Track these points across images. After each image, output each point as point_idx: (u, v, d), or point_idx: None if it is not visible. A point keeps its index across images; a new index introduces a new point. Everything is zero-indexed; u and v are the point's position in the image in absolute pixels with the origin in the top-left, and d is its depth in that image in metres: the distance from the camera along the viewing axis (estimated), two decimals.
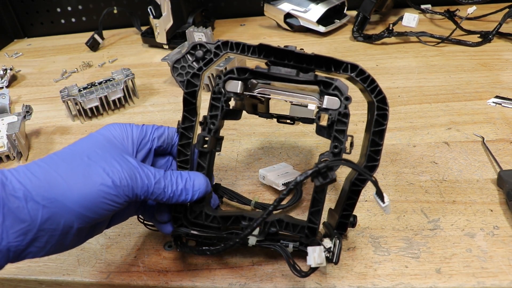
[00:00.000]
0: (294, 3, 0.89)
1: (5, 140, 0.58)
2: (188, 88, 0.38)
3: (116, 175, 0.31)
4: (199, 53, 0.37)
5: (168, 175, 0.35)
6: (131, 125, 0.38)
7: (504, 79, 0.65)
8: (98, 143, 0.34)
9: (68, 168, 0.31)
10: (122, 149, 0.35)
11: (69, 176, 0.30)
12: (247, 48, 0.36)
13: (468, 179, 0.46)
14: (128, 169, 0.32)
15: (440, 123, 0.56)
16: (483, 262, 0.36)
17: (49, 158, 0.32)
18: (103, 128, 0.37)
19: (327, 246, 0.35)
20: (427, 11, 0.92)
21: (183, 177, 0.36)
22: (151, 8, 0.87)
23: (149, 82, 0.78)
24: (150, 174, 0.34)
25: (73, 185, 0.30)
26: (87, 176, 0.31)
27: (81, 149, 0.33)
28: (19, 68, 0.91)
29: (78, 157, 0.32)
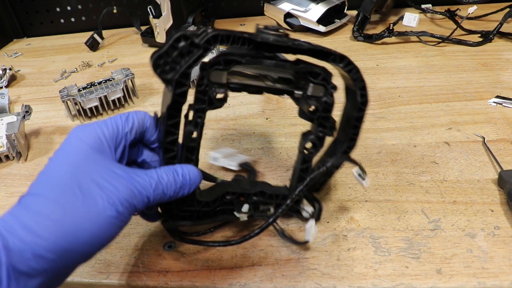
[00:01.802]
0: (294, 2, 0.89)
1: (4, 140, 0.58)
2: (177, 89, 0.34)
3: (116, 200, 0.30)
4: (183, 47, 0.33)
5: (163, 176, 0.33)
6: (98, 124, 0.34)
7: (505, 79, 0.65)
8: (77, 160, 0.31)
9: (67, 210, 0.28)
10: (104, 159, 0.32)
11: (71, 220, 0.28)
12: (237, 39, 0.34)
13: (469, 179, 0.46)
14: (123, 188, 0.30)
15: (441, 123, 0.56)
16: (483, 262, 0.36)
17: (38, 199, 0.29)
18: (74, 136, 0.33)
19: (309, 211, 0.40)
20: (428, 10, 0.92)
21: (179, 173, 0.35)
22: (151, 8, 0.86)
23: (149, 82, 0.78)
24: (146, 183, 0.32)
25: (79, 229, 0.28)
26: (89, 214, 0.28)
27: (67, 175, 0.30)
28: (18, 68, 0.91)
29: (70, 191, 0.29)
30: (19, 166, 0.58)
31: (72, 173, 0.30)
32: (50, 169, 0.31)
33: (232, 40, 0.33)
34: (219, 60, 0.35)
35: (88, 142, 0.32)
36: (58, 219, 0.28)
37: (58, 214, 0.28)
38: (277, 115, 0.62)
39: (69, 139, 0.32)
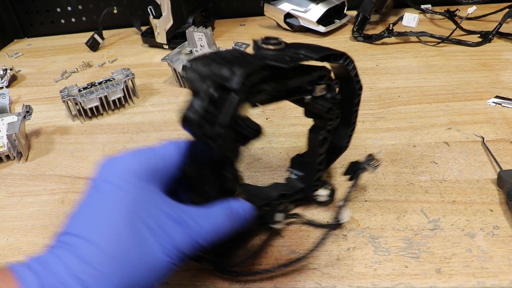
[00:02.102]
0: (294, 3, 0.89)
1: (5, 140, 0.58)
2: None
3: (170, 250, 0.27)
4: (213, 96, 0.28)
5: (219, 219, 0.30)
6: (149, 152, 0.30)
7: (504, 79, 0.65)
8: (131, 199, 0.27)
9: (122, 263, 0.25)
10: (158, 197, 0.28)
11: (125, 274, 0.25)
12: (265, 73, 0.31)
13: (468, 179, 0.46)
14: (178, 236, 0.27)
15: (440, 123, 0.56)
16: (483, 262, 0.36)
17: (90, 247, 0.25)
18: (124, 165, 0.28)
19: (326, 195, 0.43)
20: (427, 11, 0.92)
21: (234, 213, 0.31)
22: (151, 8, 0.87)
23: (149, 82, 0.78)
24: (201, 230, 0.28)
25: (132, 283, 0.26)
26: (144, 266, 0.26)
27: (120, 218, 0.26)
28: (19, 68, 0.91)
29: (125, 240, 0.26)
30: (19, 166, 0.58)
31: (127, 216, 0.26)
32: (99, 205, 0.27)
33: (262, 75, 0.30)
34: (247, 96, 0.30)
35: (140, 175, 0.28)
36: (112, 273, 0.25)
37: (112, 268, 0.25)
38: (277, 115, 0.62)
39: (119, 169, 0.28)
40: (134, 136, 0.61)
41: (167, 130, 0.62)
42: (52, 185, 0.53)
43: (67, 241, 0.26)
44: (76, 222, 0.27)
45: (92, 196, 0.28)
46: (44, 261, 0.25)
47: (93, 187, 0.28)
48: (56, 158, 0.59)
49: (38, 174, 0.56)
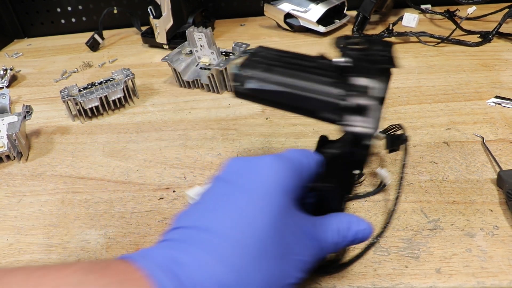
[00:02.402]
0: (294, 3, 0.89)
1: (5, 140, 0.58)
2: None
3: (304, 269, 0.26)
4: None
5: (342, 236, 0.29)
6: (297, 166, 0.28)
7: (504, 79, 0.65)
8: (279, 213, 0.25)
9: (263, 274, 0.23)
10: (297, 213, 0.27)
11: (263, 284, 0.23)
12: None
13: (468, 179, 0.46)
14: (312, 257, 0.27)
15: (440, 123, 0.56)
16: (483, 262, 0.36)
17: (236, 249, 0.23)
18: (278, 177, 0.26)
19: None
20: (427, 11, 0.92)
21: (353, 232, 0.30)
22: (151, 8, 0.87)
23: (149, 82, 0.78)
24: (329, 247, 0.28)
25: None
26: (278, 281, 0.24)
27: (269, 231, 0.24)
28: (19, 68, 0.91)
29: (269, 252, 0.24)
30: (20, 166, 0.58)
31: (275, 225, 0.24)
32: (243, 205, 0.25)
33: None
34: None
35: (289, 185, 0.27)
36: (253, 281, 0.23)
37: (255, 275, 0.23)
38: (277, 115, 0.63)
39: (273, 174, 0.26)
40: (134, 136, 0.61)
41: (167, 130, 0.62)
42: (52, 185, 0.53)
43: (200, 236, 0.23)
44: (209, 216, 0.24)
45: (232, 195, 0.25)
46: (179, 259, 0.23)
47: (233, 185, 0.26)
48: (56, 158, 0.59)
49: (38, 174, 0.56)
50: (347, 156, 0.28)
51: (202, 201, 0.26)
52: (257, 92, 0.31)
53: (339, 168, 0.29)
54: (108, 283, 0.20)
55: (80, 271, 0.21)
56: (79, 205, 0.49)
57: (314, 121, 0.54)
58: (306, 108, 0.31)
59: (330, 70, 0.31)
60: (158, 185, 0.51)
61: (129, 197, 0.49)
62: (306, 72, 0.31)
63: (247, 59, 0.32)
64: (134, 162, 0.56)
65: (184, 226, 0.25)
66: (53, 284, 0.20)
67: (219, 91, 0.70)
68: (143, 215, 0.46)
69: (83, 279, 0.20)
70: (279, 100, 0.31)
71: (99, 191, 0.51)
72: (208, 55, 0.71)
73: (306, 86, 0.30)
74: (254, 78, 0.31)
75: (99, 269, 0.21)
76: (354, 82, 0.27)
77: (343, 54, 0.31)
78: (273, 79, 0.30)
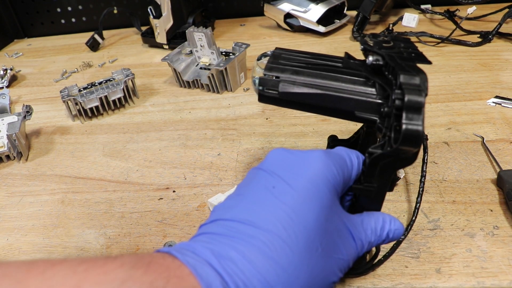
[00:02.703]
0: (294, 3, 0.89)
1: (5, 140, 0.58)
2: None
3: (343, 267, 0.26)
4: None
5: (376, 234, 0.28)
6: (341, 164, 0.27)
7: (504, 79, 0.65)
8: (324, 208, 0.24)
9: (308, 270, 0.23)
10: (340, 209, 0.27)
11: (307, 282, 0.23)
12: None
13: (468, 179, 0.46)
14: (352, 254, 0.26)
15: (440, 123, 0.56)
16: (483, 262, 0.36)
17: (282, 246, 0.22)
18: (323, 173, 0.25)
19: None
20: (427, 11, 0.92)
21: (385, 231, 0.29)
22: (151, 8, 0.87)
23: (149, 82, 0.78)
24: (364, 244, 0.27)
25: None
26: (321, 279, 0.24)
27: (315, 226, 0.23)
28: (19, 68, 0.91)
29: (314, 248, 0.23)
30: (20, 166, 0.58)
31: (320, 223, 0.24)
32: (296, 205, 0.24)
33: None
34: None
35: (336, 181, 0.26)
36: (298, 278, 0.22)
37: (299, 272, 0.22)
38: (277, 115, 0.62)
39: (321, 169, 0.25)
40: (134, 136, 0.61)
41: (167, 130, 0.62)
42: (52, 185, 0.53)
43: (244, 231, 0.23)
44: (252, 211, 0.24)
45: (277, 189, 0.24)
46: (224, 255, 0.22)
47: (277, 179, 0.25)
48: (56, 158, 0.59)
49: (38, 174, 0.56)
50: (397, 155, 0.27)
51: (242, 193, 0.25)
52: (290, 95, 0.30)
53: (384, 168, 0.28)
54: (154, 280, 0.20)
55: (125, 266, 0.20)
56: (79, 205, 0.49)
57: (314, 121, 0.54)
58: (344, 109, 0.30)
59: (358, 69, 0.31)
60: (158, 185, 0.51)
61: (129, 197, 0.49)
62: (336, 73, 0.30)
63: (270, 62, 0.32)
64: (134, 162, 0.56)
65: (226, 219, 0.24)
66: (98, 279, 0.19)
67: (219, 91, 0.70)
68: (143, 215, 0.46)
69: (128, 275, 0.20)
70: (313, 102, 0.30)
71: (99, 191, 0.51)
72: (208, 55, 0.71)
73: (341, 87, 0.30)
74: (285, 81, 0.30)
75: (144, 265, 0.21)
76: (403, 81, 0.27)
77: (371, 53, 0.30)
78: (306, 81, 0.30)
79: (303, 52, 0.33)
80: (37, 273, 0.19)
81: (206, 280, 0.21)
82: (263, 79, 0.31)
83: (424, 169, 0.40)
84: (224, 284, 0.21)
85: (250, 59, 0.75)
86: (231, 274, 0.21)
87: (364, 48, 0.32)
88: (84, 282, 0.19)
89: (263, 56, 0.34)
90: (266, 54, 0.34)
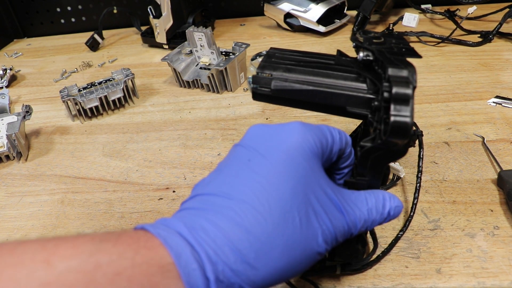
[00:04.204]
0: (294, 3, 0.89)
1: (4, 140, 0.58)
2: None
3: (329, 238, 0.25)
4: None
5: (373, 211, 0.28)
6: (322, 130, 0.27)
7: (505, 79, 0.65)
8: (302, 175, 0.24)
9: (285, 242, 0.23)
10: (323, 177, 0.26)
11: (286, 254, 0.23)
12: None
13: (468, 179, 0.46)
14: (338, 224, 0.25)
15: (440, 123, 0.56)
16: (483, 262, 0.36)
17: (253, 215, 0.22)
18: (303, 137, 0.26)
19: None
20: (427, 11, 0.92)
21: (386, 208, 0.28)
22: (151, 8, 0.87)
23: (149, 82, 0.78)
24: (357, 219, 0.26)
25: (290, 265, 0.23)
26: (304, 250, 0.24)
27: (291, 193, 0.24)
28: (19, 68, 0.91)
29: (290, 217, 0.23)
30: (19, 166, 0.58)
31: (297, 191, 0.24)
32: (263, 172, 0.24)
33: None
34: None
35: (314, 151, 0.26)
36: (273, 248, 0.22)
37: (275, 242, 0.22)
38: (277, 115, 0.62)
39: (289, 140, 0.25)
40: (134, 136, 0.61)
41: (167, 130, 0.62)
42: (52, 185, 0.53)
43: (218, 203, 0.23)
44: (228, 184, 0.24)
45: (253, 162, 0.24)
46: (196, 226, 0.22)
47: (253, 152, 0.25)
48: (56, 158, 0.59)
49: (38, 174, 0.56)
50: (387, 148, 0.27)
51: (221, 169, 0.26)
52: (282, 92, 0.31)
53: (376, 161, 0.29)
54: (123, 251, 0.20)
55: (94, 240, 0.21)
56: (78, 205, 0.49)
57: (313, 121, 0.54)
58: (335, 105, 0.31)
59: (350, 66, 0.31)
60: (158, 185, 0.51)
61: (128, 197, 0.49)
62: (328, 70, 0.31)
63: (264, 61, 0.32)
64: (134, 162, 0.56)
65: (203, 194, 0.24)
66: (67, 253, 0.20)
67: (219, 91, 0.70)
68: (143, 215, 0.46)
69: (97, 248, 0.20)
70: (305, 99, 0.31)
71: (98, 191, 0.51)
72: (208, 55, 0.71)
73: (332, 83, 0.30)
74: (277, 79, 0.31)
75: (114, 237, 0.21)
76: (391, 74, 0.27)
77: (361, 49, 0.31)
78: (298, 79, 0.30)
79: (297, 51, 0.34)
80: (7, 251, 0.20)
81: (176, 250, 0.21)
82: (256, 77, 0.31)
83: (420, 165, 0.41)
84: (194, 253, 0.21)
85: (250, 59, 0.75)
86: (202, 243, 0.21)
87: (355, 45, 0.32)
88: (53, 256, 0.19)
89: (258, 56, 0.34)
90: (260, 54, 0.34)
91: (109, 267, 0.19)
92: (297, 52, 0.34)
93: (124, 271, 0.19)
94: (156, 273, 0.20)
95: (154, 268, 0.20)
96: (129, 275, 0.19)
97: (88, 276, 0.19)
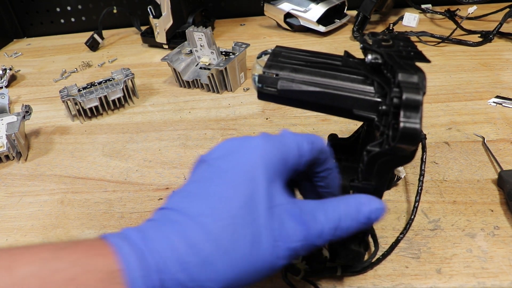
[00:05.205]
0: (294, 3, 0.89)
1: (4, 140, 0.58)
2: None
3: (286, 251, 0.25)
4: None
5: (346, 220, 0.27)
6: (284, 144, 0.28)
7: (505, 79, 0.65)
8: (256, 190, 0.25)
9: (237, 257, 0.23)
10: (282, 193, 0.26)
11: (238, 270, 0.24)
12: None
13: (469, 179, 0.46)
14: (298, 237, 0.25)
15: (441, 123, 0.56)
16: (483, 262, 0.36)
17: (205, 234, 0.23)
18: (260, 153, 0.26)
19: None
20: (428, 10, 0.92)
21: (362, 213, 0.27)
22: (151, 8, 0.86)
23: (149, 82, 0.78)
24: (323, 230, 0.26)
25: (242, 278, 0.24)
26: (257, 263, 0.24)
27: (242, 206, 0.24)
28: (18, 68, 0.91)
29: (239, 233, 0.24)
30: (19, 166, 0.58)
31: (248, 206, 0.24)
32: (217, 187, 0.25)
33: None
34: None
35: (274, 167, 0.26)
36: (220, 264, 0.23)
37: (221, 258, 0.23)
38: (277, 115, 0.62)
39: (251, 155, 0.26)
40: (134, 136, 0.61)
41: (167, 130, 0.62)
42: (52, 185, 0.53)
43: (174, 218, 0.24)
44: (187, 200, 0.25)
45: (214, 178, 0.25)
46: (148, 237, 0.23)
47: (213, 166, 0.26)
48: (55, 158, 0.58)
49: (38, 174, 0.56)
50: (395, 153, 0.27)
51: (187, 184, 0.27)
52: (288, 93, 0.31)
53: (382, 166, 0.28)
54: (77, 258, 0.22)
55: (55, 247, 0.22)
56: (78, 205, 0.49)
57: (314, 121, 0.54)
58: (342, 107, 0.30)
59: (357, 67, 0.31)
60: (158, 185, 0.51)
61: (128, 197, 0.49)
62: (335, 71, 0.31)
63: (270, 60, 0.32)
64: (133, 162, 0.56)
65: (166, 208, 0.25)
66: (29, 259, 0.21)
67: (219, 91, 0.70)
68: (142, 216, 0.46)
69: (55, 255, 0.22)
70: (312, 100, 0.30)
71: (98, 191, 0.51)
72: (208, 55, 0.71)
73: (339, 85, 0.30)
74: (284, 79, 0.30)
75: (73, 246, 0.23)
76: (402, 79, 0.27)
77: (370, 52, 0.30)
78: (304, 79, 0.30)
79: (303, 50, 0.34)
80: None
81: (126, 258, 0.22)
82: (262, 77, 0.31)
83: (423, 168, 0.41)
84: (143, 261, 0.22)
85: (250, 59, 0.75)
86: (152, 253, 0.23)
87: (363, 46, 0.32)
88: (15, 263, 0.21)
89: (264, 54, 0.34)
90: (266, 52, 0.34)
91: (63, 273, 0.21)
92: (303, 51, 0.33)
93: (76, 277, 0.21)
94: (105, 279, 0.21)
95: (103, 275, 0.21)
96: (81, 281, 0.21)
97: (44, 281, 0.20)
